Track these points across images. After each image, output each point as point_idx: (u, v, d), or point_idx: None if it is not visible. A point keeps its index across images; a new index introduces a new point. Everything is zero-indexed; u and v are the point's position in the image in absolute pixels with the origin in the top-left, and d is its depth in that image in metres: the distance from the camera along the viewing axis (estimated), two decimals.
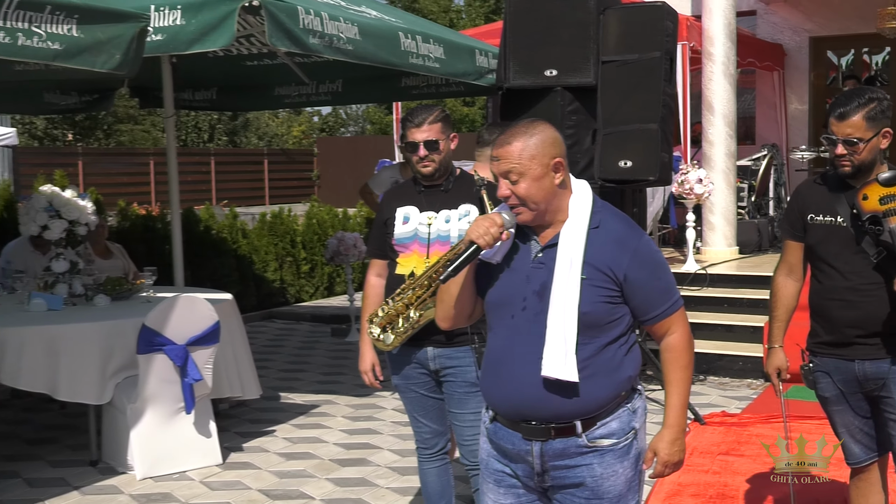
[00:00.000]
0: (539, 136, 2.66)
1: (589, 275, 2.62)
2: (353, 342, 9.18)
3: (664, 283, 2.73)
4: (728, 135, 9.26)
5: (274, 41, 5.07)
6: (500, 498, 2.80)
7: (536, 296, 2.66)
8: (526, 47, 6.59)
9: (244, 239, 10.67)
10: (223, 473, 5.38)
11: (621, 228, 2.72)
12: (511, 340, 2.69)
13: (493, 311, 2.77)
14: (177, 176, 7.12)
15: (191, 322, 5.30)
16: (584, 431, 2.65)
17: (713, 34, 9.18)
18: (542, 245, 2.70)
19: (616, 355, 2.68)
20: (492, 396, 2.76)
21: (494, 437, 2.78)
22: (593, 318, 2.63)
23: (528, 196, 2.64)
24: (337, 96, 8.38)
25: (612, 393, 2.67)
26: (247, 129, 37.22)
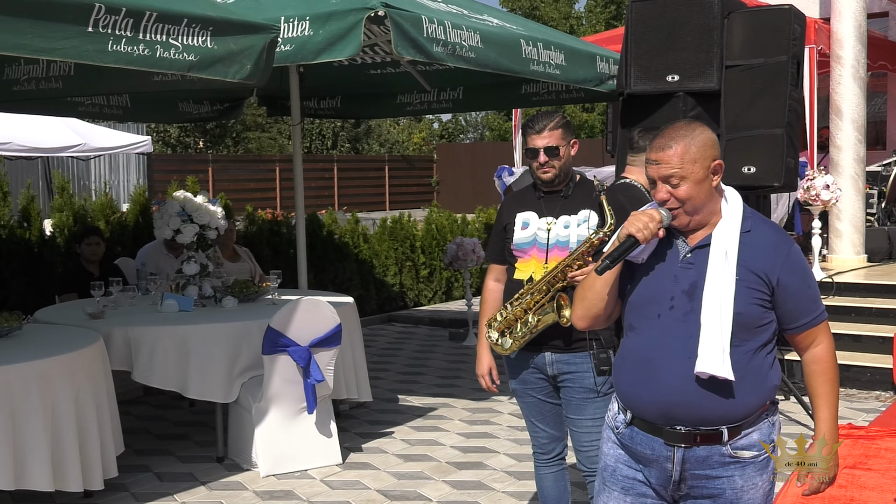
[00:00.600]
0: (700, 139, 2.63)
1: (742, 276, 2.59)
2: (470, 346, 9.21)
3: (813, 292, 2.70)
4: (857, 139, 8.95)
5: (399, 50, 5.13)
6: None
7: (686, 295, 2.63)
8: (648, 53, 6.50)
9: (365, 244, 10.83)
10: (343, 473, 5.47)
11: (773, 234, 2.69)
12: (658, 340, 2.65)
13: (636, 310, 2.72)
14: (302, 182, 7.27)
15: (314, 324, 5.41)
16: (729, 440, 2.61)
17: (842, 37, 8.89)
18: (692, 246, 2.68)
19: (764, 362, 2.65)
20: (636, 398, 2.69)
21: (630, 441, 2.72)
22: (746, 320, 2.59)
23: (689, 199, 2.62)
24: (458, 103, 8.42)
25: (760, 400, 2.64)
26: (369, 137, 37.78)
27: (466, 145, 35.05)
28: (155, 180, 21.11)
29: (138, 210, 9.12)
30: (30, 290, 7.97)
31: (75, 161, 18.67)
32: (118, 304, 6.02)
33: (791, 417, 6.41)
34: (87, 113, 7.98)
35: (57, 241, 8.45)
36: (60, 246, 8.38)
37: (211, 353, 5.44)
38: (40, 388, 4.48)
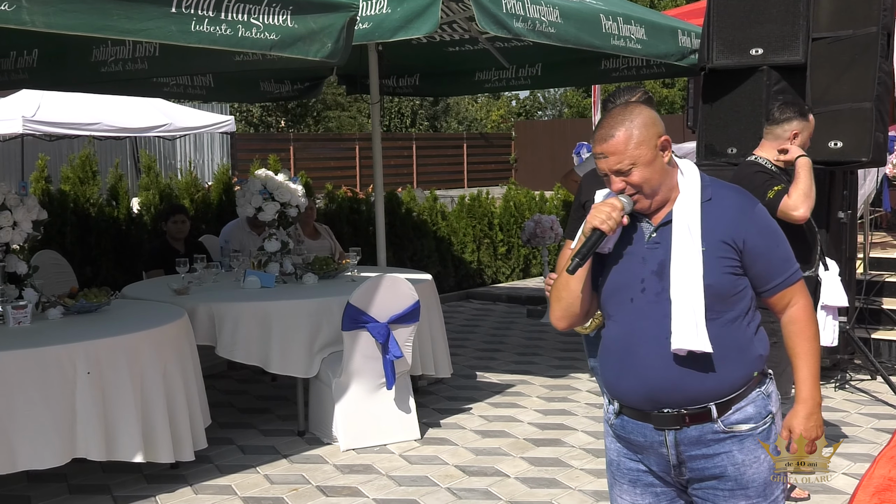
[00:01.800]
0: (639, 120, 2.55)
1: (708, 246, 2.52)
2: (547, 323, 9.16)
3: (783, 251, 2.61)
4: None
5: (482, 25, 5.10)
6: (637, 499, 2.67)
7: (655, 276, 2.55)
8: (731, 26, 6.34)
9: (443, 221, 10.83)
10: (421, 448, 5.49)
11: (735, 197, 2.62)
12: (634, 325, 2.57)
13: (610, 298, 2.64)
14: (381, 160, 7.29)
15: (393, 301, 5.43)
16: (719, 416, 2.53)
17: None
18: (656, 225, 2.60)
19: (745, 333, 2.56)
20: (618, 387, 2.62)
21: (623, 431, 2.65)
22: (717, 290, 2.50)
23: (644, 182, 2.55)
24: (536, 80, 8.35)
25: (745, 372, 2.55)
26: (447, 114, 37.78)
27: (545, 122, 34.81)
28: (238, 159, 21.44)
29: (221, 188, 9.26)
30: (118, 266, 8.17)
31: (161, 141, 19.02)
32: (202, 280, 6.12)
33: (877, 398, 6.24)
34: (172, 93, 8.12)
35: (144, 219, 8.63)
36: (147, 224, 8.56)
37: (292, 329, 5.50)
38: (129, 362, 4.58)
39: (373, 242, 7.42)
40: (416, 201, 10.79)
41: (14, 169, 16.85)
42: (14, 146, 16.04)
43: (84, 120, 13.58)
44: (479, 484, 4.88)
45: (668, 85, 29.68)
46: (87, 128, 13.73)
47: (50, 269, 6.71)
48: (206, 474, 5.05)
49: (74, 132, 13.98)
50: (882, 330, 7.42)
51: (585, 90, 30.52)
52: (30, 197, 5.17)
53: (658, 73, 7.79)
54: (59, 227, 7.94)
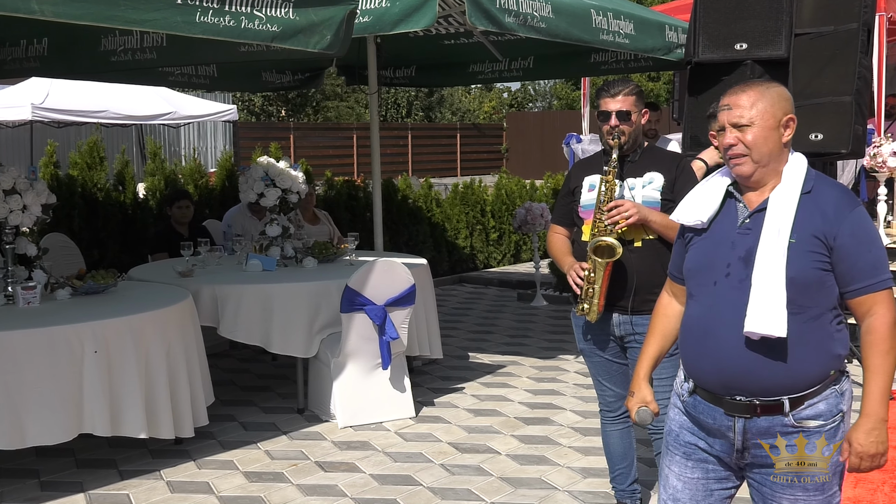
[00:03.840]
0: (775, 91, 2.54)
1: (799, 238, 2.43)
2: (538, 307, 9.16)
3: (874, 256, 2.46)
4: None
5: (473, 20, 5.06)
6: (687, 472, 2.63)
7: (742, 262, 2.49)
8: (716, 21, 6.30)
9: (438, 208, 10.81)
10: (416, 426, 5.48)
11: (836, 194, 2.51)
12: (714, 308, 2.52)
13: (694, 277, 2.61)
14: (378, 149, 7.25)
15: (389, 284, 5.41)
16: (791, 410, 2.46)
17: None
18: (751, 211, 2.54)
19: (826, 330, 2.48)
20: (694, 367, 2.58)
21: (693, 410, 2.60)
22: (802, 283, 2.43)
23: (755, 146, 2.49)
24: (528, 72, 8.32)
25: (822, 369, 2.47)
26: (441, 105, 37.68)
27: (535, 114, 34.74)
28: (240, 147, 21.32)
29: (224, 175, 9.21)
30: (124, 249, 8.13)
31: (166, 128, 18.95)
32: (206, 263, 6.09)
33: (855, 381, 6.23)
34: (177, 82, 8.06)
35: (149, 204, 8.59)
36: (153, 208, 8.51)
37: (292, 311, 5.48)
38: (135, 342, 4.56)
39: (370, 228, 7.40)
40: (412, 189, 10.76)
41: (24, 154, 16.77)
42: (24, 132, 15.96)
43: (92, 107, 13.52)
44: (472, 461, 4.87)
45: (653, 78, 29.62)
46: (94, 115, 13.66)
47: (58, 251, 6.68)
48: (208, 449, 5.04)
49: (82, 119, 13.91)
50: None
51: (575, 83, 30.48)
52: (39, 181, 5.13)
53: (645, 66, 7.75)
54: (68, 211, 7.89)
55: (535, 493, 4.40)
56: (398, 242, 9.97)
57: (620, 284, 3.63)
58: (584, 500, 4.32)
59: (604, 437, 4.00)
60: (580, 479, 4.57)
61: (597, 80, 12.03)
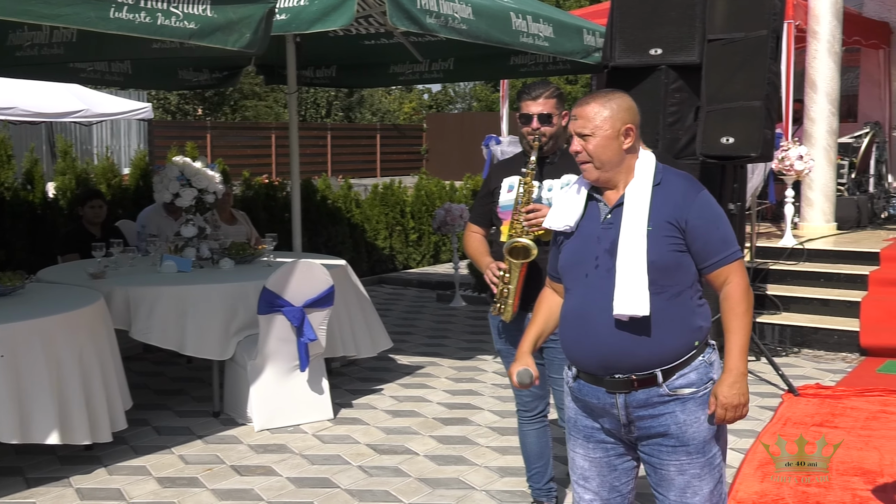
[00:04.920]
0: (616, 102, 2.74)
1: (654, 225, 2.67)
2: (457, 307, 9.20)
3: (723, 232, 2.73)
4: (830, 112, 8.91)
5: (394, 20, 5.06)
6: (590, 452, 2.84)
7: (607, 253, 2.71)
8: (632, 26, 6.42)
9: (357, 209, 10.77)
10: (334, 428, 5.45)
11: (682, 182, 2.76)
12: (588, 298, 2.74)
13: (568, 272, 2.83)
14: (297, 149, 7.20)
15: (308, 286, 5.37)
16: (664, 381, 2.69)
17: (819, 13, 8.83)
18: (610, 207, 2.77)
19: (688, 306, 2.71)
20: (575, 353, 2.79)
21: (579, 394, 2.82)
22: (661, 266, 2.66)
23: (596, 154, 2.73)
24: (448, 74, 8.35)
25: (687, 341, 2.70)
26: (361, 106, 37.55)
27: (455, 115, 34.89)
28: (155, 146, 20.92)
29: (139, 174, 9.03)
30: (33, 250, 7.90)
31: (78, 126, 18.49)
32: (119, 264, 5.96)
33: (762, 377, 6.42)
34: (89, 79, 7.86)
35: (60, 204, 8.36)
36: (63, 208, 8.29)
37: (208, 313, 5.40)
38: (44, 345, 4.44)
39: (288, 229, 7.33)
40: (331, 189, 10.70)
41: None
42: None
43: None
44: (390, 462, 4.87)
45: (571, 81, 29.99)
46: (1, 112, 13.23)
47: None
48: (120, 455, 4.93)
49: None
50: (766, 314, 7.65)
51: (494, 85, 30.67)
52: None
53: (564, 69, 7.85)
54: None
55: (452, 493, 4.42)
56: (317, 243, 9.89)
57: (536, 284, 3.67)
58: (502, 499, 4.36)
59: (521, 436, 4.04)
60: (497, 479, 4.61)
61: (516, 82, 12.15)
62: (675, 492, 2.74)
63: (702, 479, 2.72)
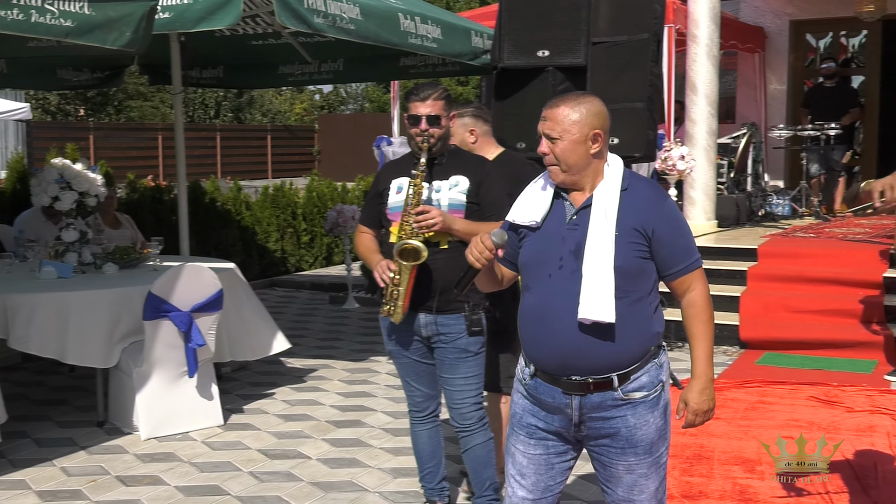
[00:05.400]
0: (586, 107, 2.74)
1: (621, 231, 2.68)
2: (350, 309, 9.16)
3: (686, 241, 2.78)
4: (710, 114, 9.19)
5: (282, 20, 5.00)
6: (530, 449, 2.85)
7: (572, 255, 2.70)
8: (520, 28, 6.50)
9: (248, 211, 10.61)
10: (224, 434, 5.36)
11: (648, 189, 2.79)
12: (550, 298, 2.73)
13: (530, 270, 2.81)
14: (184, 150, 7.04)
15: (195, 290, 5.26)
16: (619, 385, 2.71)
17: (698, 17, 9.10)
18: (577, 208, 2.76)
19: (646, 311, 2.73)
20: (533, 352, 2.79)
21: (535, 391, 2.81)
22: (626, 272, 2.67)
23: (563, 157, 2.72)
24: (338, 75, 8.30)
25: (644, 347, 2.73)
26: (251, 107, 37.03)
27: (347, 116, 34.74)
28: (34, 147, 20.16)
29: (16, 177, 8.69)
30: None
31: None
32: None
33: None
34: None
35: None
36: None
37: (90, 319, 5.23)
38: None
39: (176, 232, 7.16)
40: (220, 191, 10.51)
41: None
42: None
43: None
44: (282, 467, 4.81)
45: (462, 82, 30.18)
46: None
47: None
48: None
49: None
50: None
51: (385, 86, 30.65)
52: None
53: (453, 70, 7.89)
54: None
55: (345, 496, 4.40)
56: (206, 247, 9.70)
57: (426, 285, 3.68)
58: (395, 500, 4.35)
59: (413, 436, 4.04)
60: (391, 480, 4.60)
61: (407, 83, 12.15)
62: (623, 488, 2.79)
63: (648, 477, 2.78)
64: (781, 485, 4.41)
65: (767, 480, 4.48)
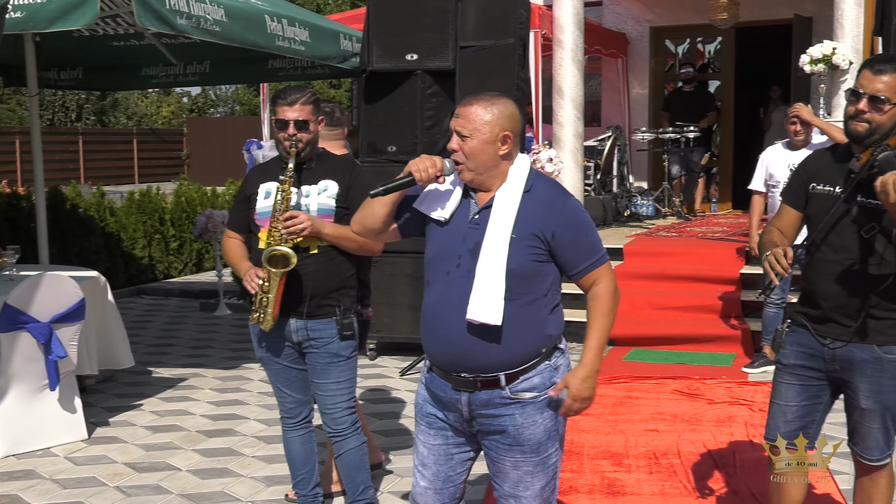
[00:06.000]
0: (498, 108, 2.75)
1: (519, 234, 2.70)
2: (221, 316, 8.99)
3: (590, 240, 2.80)
4: (576, 117, 9.40)
5: (143, 21, 4.86)
6: (430, 439, 2.91)
7: (470, 254, 2.73)
8: (388, 32, 6.53)
9: (112, 217, 10.26)
10: (88, 448, 5.16)
11: (550, 191, 2.80)
12: (445, 295, 2.77)
13: (432, 266, 2.84)
14: (41, 155, 6.78)
15: (55, 299, 5.06)
16: (507, 384, 2.75)
17: (563, 23, 9.30)
18: (480, 207, 2.79)
19: (540, 313, 2.76)
20: (429, 348, 2.85)
21: (431, 385, 2.89)
22: (519, 274, 2.69)
23: (471, 155, 2.74)
24: (204, 77, 8.13)
25: (533, 349, 2.76)
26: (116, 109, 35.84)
27: (217, 119, 34.05)
28: None
29: None
30: None
31: None
32: None
33: None
34: None
35: None
36: None
37: None
38: None
39: (34, 240, 6.88)
40: (82, 197, 10.14)
41: None
42: None
43: None
44: (150, 480, 4.67)
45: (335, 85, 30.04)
46: None
47: None
48: None
49: None
50: None
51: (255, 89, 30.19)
52: None
53: (323, 73, 7.85)
54: None
55: None
56: (68, 254, 9.33)
57: (297, 290, 3.65)
58: None
59: (285, 443, 3.99)
60: (264, 489, 4.53)
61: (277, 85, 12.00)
62: (510, 484, 2.83)
63: (534, 475, 2.81)
64: (647, 477, 4.55)
65: (634, 473, 4.62)
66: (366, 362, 6.93)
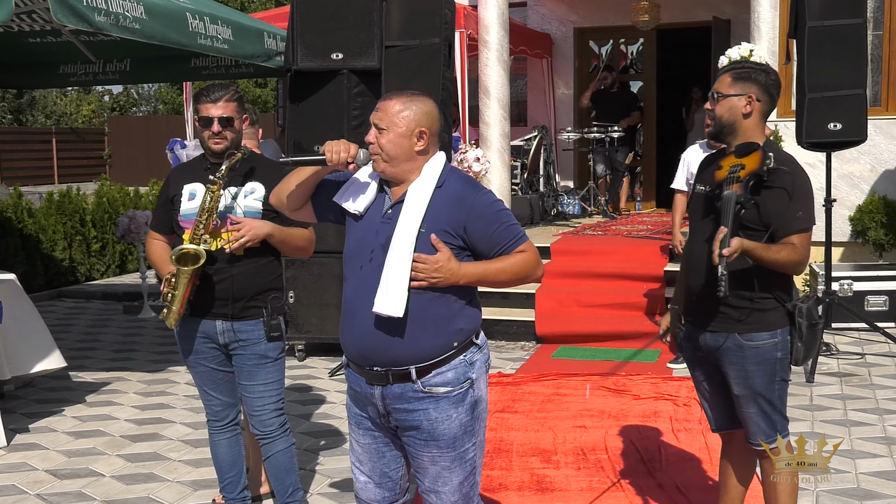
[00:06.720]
0: (417, 105, 2.80)
1: (428, 228, 2.72)
2: (145, 318, 8.82)
3: (505, 224, 2.78)
4: (503, 117, 9.46)
5: (59, 17, 4.73)
6: (361, 438, 2.94)
7: (381, 248, 2.76)
8: (313, 31, 6.47)
9: (30, 218, 10.00)
10: (7, 456, 5.02)
11: (461, 186, 2.82)
12: (358, 290, 2.80)
13: (348, 261, 2.87)
14: None
15: None
16: (418, 378, 2.76)
17: (488, 23, 9.34)
18: (393, 202, 2.82)
19: (450, 307, 2.77)
20: (344, 341, 2.88)
21: (349, 380, 2.91)
22: None
23: (386, 149, 2.77)
24: (125, 75, 7.96)
25: (444, 342, 2.77)
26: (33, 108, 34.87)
27: (139, 118, 33.37)
28: None
29: None
30: None
31: None
32: None
33: None
34: None
35: None
36: None
37: None
38: None
39: None
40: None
41: None
42: None
43: None
44: (72, 486, 4.56)
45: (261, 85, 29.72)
46: None
47: None
48: None
49: None
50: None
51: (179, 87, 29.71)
52: None
53: (247, 72, 7.76)
54: None
55: None
56: None
57: (223, 292, 3.60)
58: None
59: (212, 446, 3.93)
60: (191, 493, 4.46)
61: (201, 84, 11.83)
62: (429, 479, 2.85)
63: (451, 471, 2.83)
64: (576, 472, 4.60)
65: (563, 469, 4.66)
66: (294, 363, 6.87)
